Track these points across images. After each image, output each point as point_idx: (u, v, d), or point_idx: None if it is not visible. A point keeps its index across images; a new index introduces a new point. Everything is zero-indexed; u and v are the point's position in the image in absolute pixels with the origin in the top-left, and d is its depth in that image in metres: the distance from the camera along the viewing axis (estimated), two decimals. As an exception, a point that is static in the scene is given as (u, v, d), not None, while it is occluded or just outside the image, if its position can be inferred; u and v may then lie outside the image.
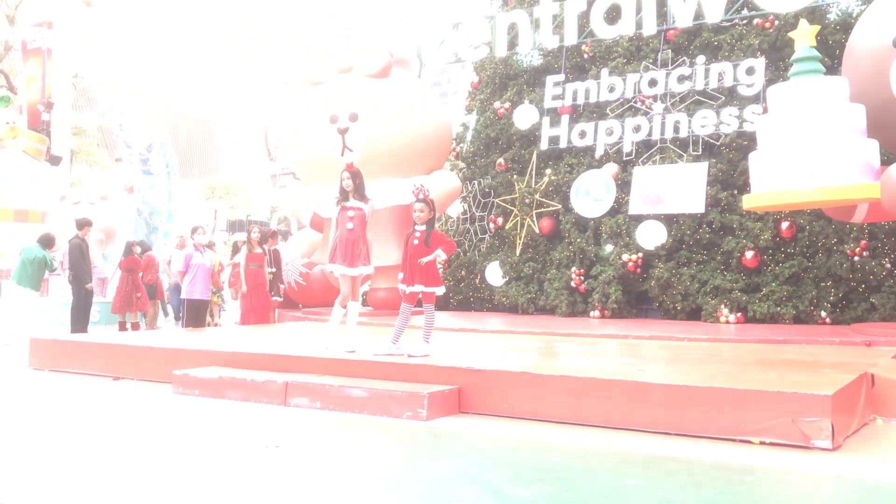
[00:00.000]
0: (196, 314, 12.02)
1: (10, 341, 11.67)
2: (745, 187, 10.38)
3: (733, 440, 4.84)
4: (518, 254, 13.34)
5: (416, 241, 6.92)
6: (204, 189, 66.58)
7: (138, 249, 14.40)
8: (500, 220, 13.97)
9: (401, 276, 7.06)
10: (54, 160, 19.94)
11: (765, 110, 10.05)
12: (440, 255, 6.91)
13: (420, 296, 7.00)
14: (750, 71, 11.51)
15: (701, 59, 12.04)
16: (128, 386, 7.38)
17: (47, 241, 12.67)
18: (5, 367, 9.01)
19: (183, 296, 12.15)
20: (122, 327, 13.74)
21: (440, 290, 7.04)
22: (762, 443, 4.78)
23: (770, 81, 10.63)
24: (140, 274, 13.82)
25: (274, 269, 12.57)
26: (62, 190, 18.68)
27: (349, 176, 7.58)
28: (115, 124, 18.24)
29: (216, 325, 14.28)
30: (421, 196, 7.00)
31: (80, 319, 12.84)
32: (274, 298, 12.61)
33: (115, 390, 7.18)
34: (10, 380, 8.07)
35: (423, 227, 6.95)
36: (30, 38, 19.23)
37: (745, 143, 11.14)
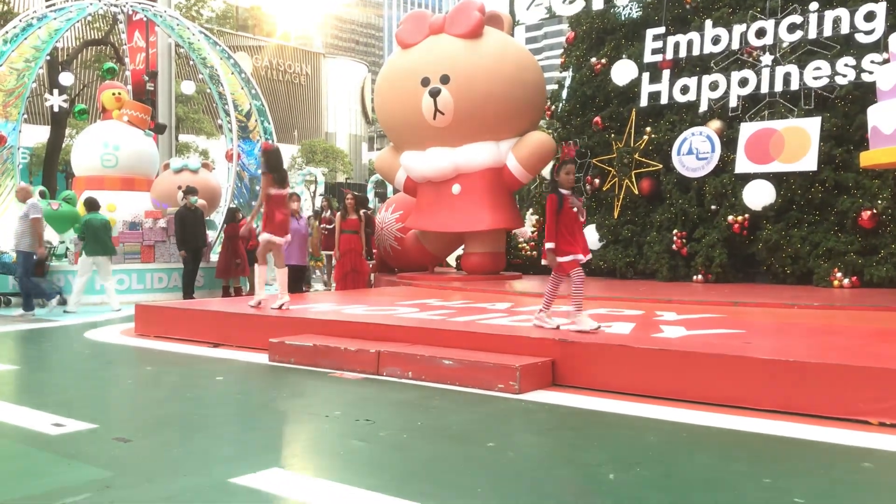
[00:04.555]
0: (293, 280, 12.22)
1: (119, 308, 12.14)
2: (862, 143, 9.69)
3: (849, 420, 4.51)
4: (616, 216, 12.94)
5: (575, 209, 6.30)
6: (304, 153, 67.95)
7: (240, 216, 14.74)
8: (596, 182, 13.55)
9: (552, 245, 6.34)
10: (159, 128, 20.59)
11: (886, 59, 9.29)
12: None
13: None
14: (869, 16, 10.65)
15: (814, 5, 11.22)
16: (227, 353, 7.54)
17: (94, 204, 12.77)
18: (115, 333, 9.37)
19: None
20: (226, 292, 14.14)
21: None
22: (881, 424, 4.44)
23: (892, 27, 9.81)
24: (239, 239, 14.13)
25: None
26: (165, 157, 19.32)
27: (260, 153, 8.54)
28: (215, 91, 18.62)
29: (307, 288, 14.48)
30: (568, 157, 6.57)
31: (187, 285, 13.34)
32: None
33: (214, 357, 7.34)
34: (118, 346, 8.39)
35: (571, 191, 6.34)
36: (133, 10, 19.75)
37: (862, 95, 10.36)
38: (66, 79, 21.46)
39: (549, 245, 6.28)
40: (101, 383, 6.38)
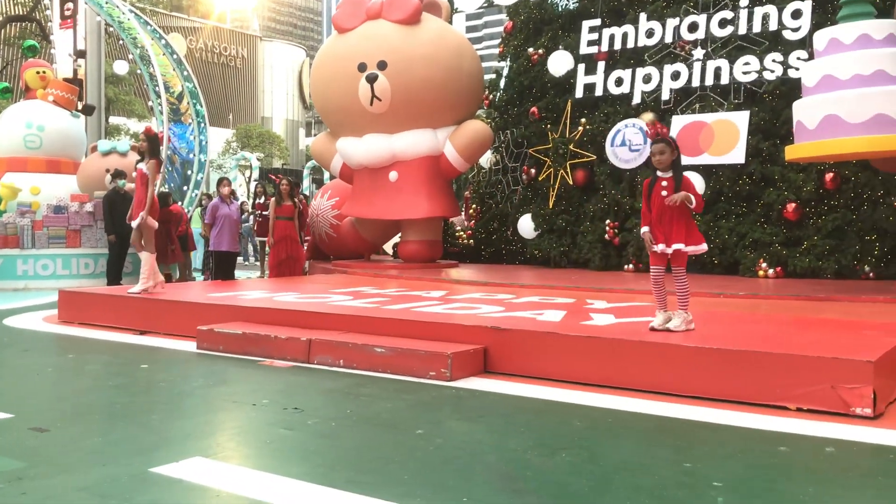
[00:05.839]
0: (224, 266, 12.01)
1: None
2: (787, 137, 9.96)
3: (768, 406, 4.64)
4: (551, 206, 13.07)
5: (664, 193, 5.61)
6: (239, 137, 66.81)
7: (171, 200, 14.40)
8: (533, 171, 13.67)
9: (645, 230, 5.80)
10: (88, 109, 19.95)
11: (811, 56, 9.56)
12: (690, 201, 5.54)
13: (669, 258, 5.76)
14: (796, 14, 10.96)
15: (744, 1, 11.49)
16: (153, 341, 7.36)
17: None
18: (36, 320, 9.07)
19: (210, 248, 12.15)
20: (155, 278, 13.78)
21: (701, 248, 5.79)
22: (799, 409, 4.58)
23: (817, 25, 10.11)
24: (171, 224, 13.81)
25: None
26: (94, 140, 18.71)
27: (144, 138, 8.73)
28: (146, 72, 18.11)
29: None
30: (658, 135, 5.71)
31: (112, 271, 12.99)
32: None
33: (140, 345, 7.17)
34: (39, 333, 8.12)
35: (669, 174, 5.69)
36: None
37: (789, 90, 10.65)
38: (-14, 55, 20.59)
39: (642, 229, 5.81)
40: (19, 372, 6.16)
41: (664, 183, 5.66)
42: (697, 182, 11.10)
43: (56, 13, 21.78)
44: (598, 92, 12.75)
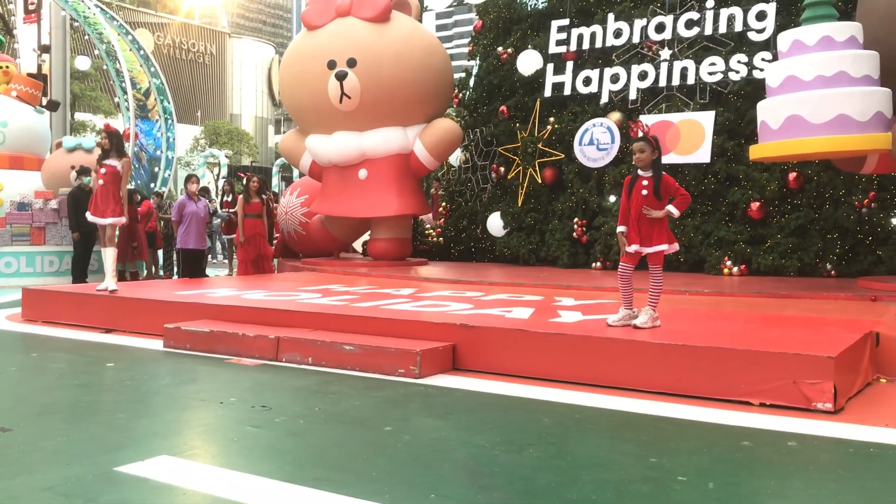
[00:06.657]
0: (191, 264, 11.91)
1: None
2: (752, 137, 10.10)
3: (732, 402, 4.72)
4: (520, 204, 13.12)
5: (644, 192, 5.68)
6: (207, 134, 66.16)
7: (137, 198, 14.25)
8: (502, 170, 13.71)
9: (622, 229, 5.87)
10: (52, 105, 19.62)
11: (775, 57, 9.71)
12: (672, 213, 5.73)
13: (647, 256, 5.86)
14: (761, 16, 11.11)
15: (710, 2, 11.63)
16: (119, 339, 7.29)
17: None
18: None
19: (177, 245, 12.03)
20: (121, 276, 13.63)
21: (674, 248, 5.93)
22: (762, 405, 4.66)
23: (781, 27, 10.26)
24: (138, 222, 13.67)
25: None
26: (59, 136, 18.42)
27: (106, 135, 8.59)
28: (112, 68, 17.88)
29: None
30: (641, 134, 5.70)
31: (77, 269, 12.81)
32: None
33: (106, 343, 7.09)
34: (2, 331, 7.99)
35: (650, 173, 5.75)
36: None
37: (753, 91, 10.80)
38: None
39: (618, 228, 5.87)
40: (-18, 371, 6.07)
41: (644, 182, 5.72)
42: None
43: (20, 7, 21.40)
44: (567, 91, 12.82)
